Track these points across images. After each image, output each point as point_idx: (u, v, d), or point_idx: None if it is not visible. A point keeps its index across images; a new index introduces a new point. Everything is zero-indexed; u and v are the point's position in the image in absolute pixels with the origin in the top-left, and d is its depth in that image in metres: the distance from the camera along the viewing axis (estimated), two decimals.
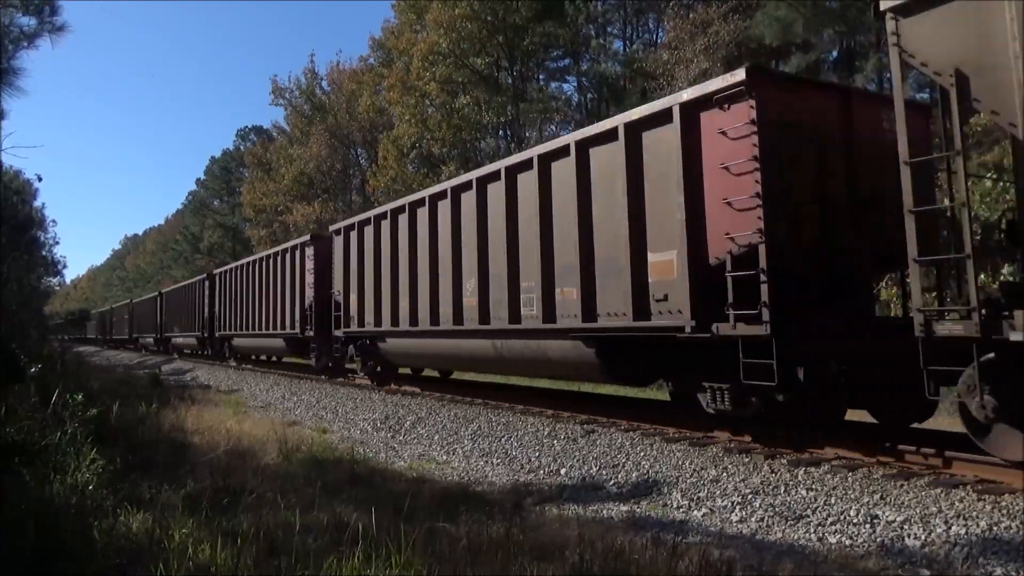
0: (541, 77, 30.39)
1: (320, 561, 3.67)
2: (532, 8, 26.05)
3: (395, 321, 13.36)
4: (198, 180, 74.77)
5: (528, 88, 28.31)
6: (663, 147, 7.76)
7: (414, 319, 12.71)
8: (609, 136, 8.49)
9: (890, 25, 5.86)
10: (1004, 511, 4.99)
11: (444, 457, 8.50)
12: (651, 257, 7.87)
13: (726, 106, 7.09)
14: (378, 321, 14.09)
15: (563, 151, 9.21)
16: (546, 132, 26.05)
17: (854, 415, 8.02)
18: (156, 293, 41.28)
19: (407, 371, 16.48)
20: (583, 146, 8.88)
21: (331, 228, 17.28)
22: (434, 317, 12.03)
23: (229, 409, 12.15)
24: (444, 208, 11.99)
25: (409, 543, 3.73)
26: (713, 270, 7.22)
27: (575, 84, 30.38)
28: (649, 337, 8.02)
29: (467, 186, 11.38)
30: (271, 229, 42.55)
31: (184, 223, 72.98)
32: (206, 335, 28.51)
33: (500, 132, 29.51)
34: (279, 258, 20.49)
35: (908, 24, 5.73)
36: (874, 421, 8.01)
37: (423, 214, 12.61)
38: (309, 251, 18.18)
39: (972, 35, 5.34)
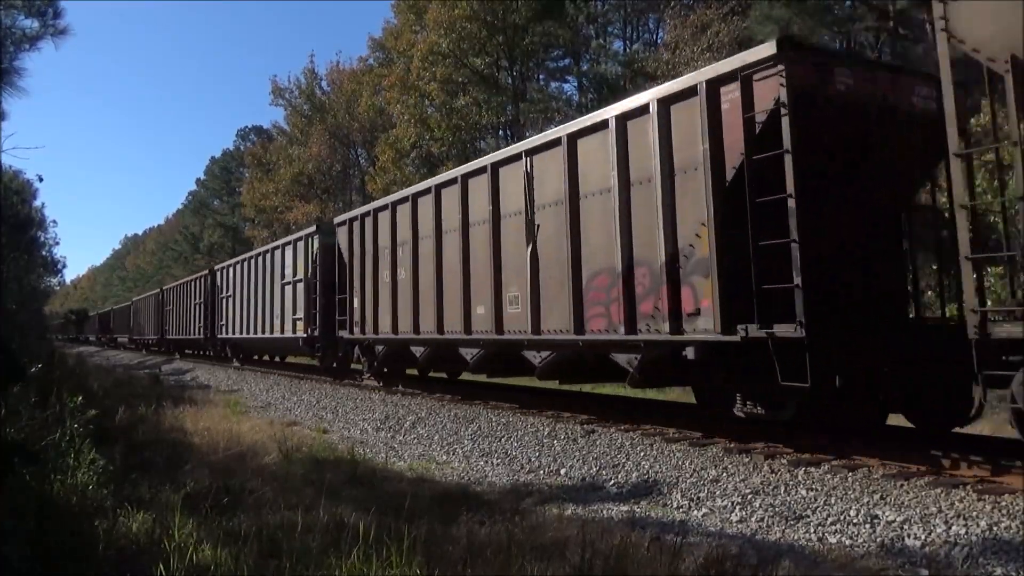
0: (541, 77, 30.40)
1: (320, 561, 3.67)
2: (532, 8, 26.04)
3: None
4: (198, 180, 74.86)
5: (528, 88, 28.30)
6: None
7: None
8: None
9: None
10: (1004, 511, 4.99)
11: (444, 457, 8.50)
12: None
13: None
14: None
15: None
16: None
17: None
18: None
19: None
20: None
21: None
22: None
23: (229, 409, 12.15)
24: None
25: (409, 543, 3.73)
26: None
27: (575, 84, 30.43)
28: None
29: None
30: (271, 229, 42.55)
31: (184, 223, 72.99)
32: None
33: (500, 132, 29.51)
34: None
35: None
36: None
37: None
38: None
39: None
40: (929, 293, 9.69)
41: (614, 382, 10.92)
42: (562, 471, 7.37)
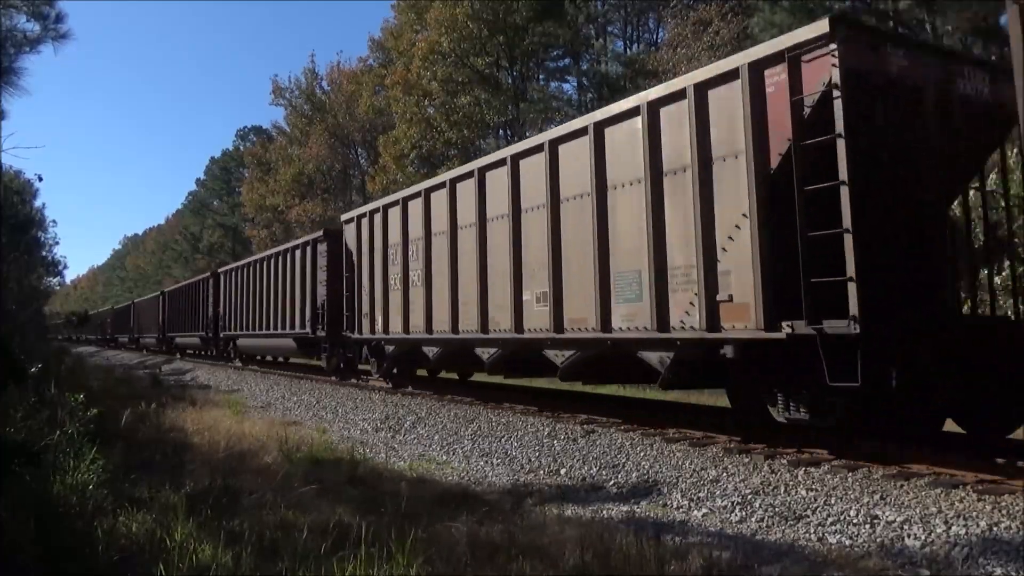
0: (541, 77, 30.39)
1: (320, 561, 3.67)
2: (532, 8, 26.04)
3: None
4: (198, 180, 74.89)
5: (528, 88, 28.30)
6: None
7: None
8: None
9: None
10: (1004, 511, 4.99)
11: (444, 457, 8.50)
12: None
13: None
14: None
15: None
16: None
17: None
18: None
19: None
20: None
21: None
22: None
23: (229, 409, 12.14)
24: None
25: (410, 543, 3.73)
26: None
27: (575, 84, 30.44)
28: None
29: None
30: (271, 229, 42.58)
31: (184, 223, 72.96)
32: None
33: (501, 132, 29.52)
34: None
35: None
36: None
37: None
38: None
39: None
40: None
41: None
42: (562, 471, 7.37)
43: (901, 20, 15.74)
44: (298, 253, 19.02)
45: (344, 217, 16.11)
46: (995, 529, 4.68)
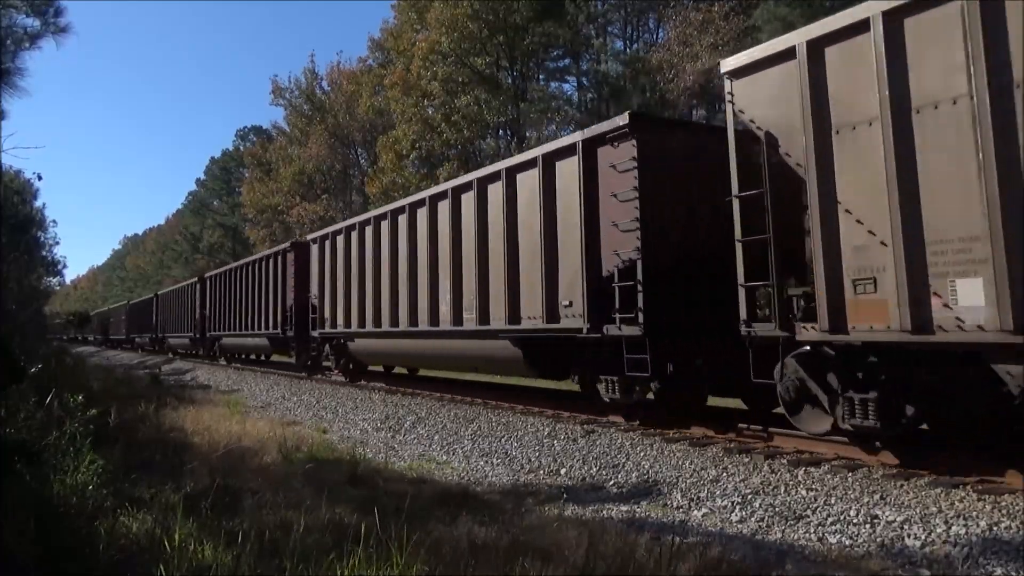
0: (541, 77, 30.37)
1: (320, 561, 3.66)
2: (532, 8, 26.02)
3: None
4: (198, 180, 74.89)
5: (528, 88, 28.28)
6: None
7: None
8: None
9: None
10: (1004, 511, 4.99)
11: (444, 457, 8.50)
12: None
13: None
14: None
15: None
16: (546, 132, 26.02)
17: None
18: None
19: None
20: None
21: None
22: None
23: (229, 409, 12.15)
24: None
25: (409, 543, 3.73)
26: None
27: (575, 84, 30.42)
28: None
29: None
30: (271, 229, 42.57)
31: (184, 223, 72.93)
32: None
33: (500, 132, 29.51)
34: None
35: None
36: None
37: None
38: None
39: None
40: None
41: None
42: (562, 471, 7.37)
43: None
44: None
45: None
46: (995, 529, 4.68)
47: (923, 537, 4.71)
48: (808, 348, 6.56)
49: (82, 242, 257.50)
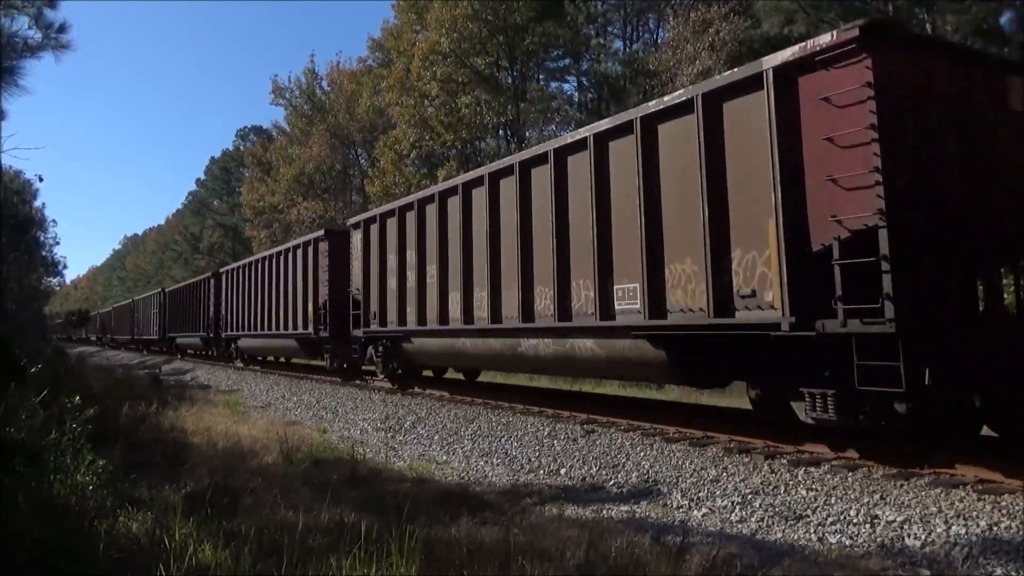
0: (541, 77, 30.37)
1: (320, 561, 3.66)
2: (532, 8, 26.03)
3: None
4: (198, 180, 74.91)
5: (528, 88, 28.29)
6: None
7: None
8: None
9: None
10: (1004, 511, 4.99)
11: (444, 457, 8.50)
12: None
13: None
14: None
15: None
16: (546, 132, 26.03)
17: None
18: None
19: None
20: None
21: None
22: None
23: (229, 409, 12.15)
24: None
25: (410, 544, 3.73)
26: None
27: (575, 84, 30.42)
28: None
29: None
30: (271, 229, 42.55)
31: (184, 223, 72.96)
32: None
33: (500, 132, 29.50)
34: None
35: None
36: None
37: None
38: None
39: None
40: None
41: None
42: (562, 471, 7.37)
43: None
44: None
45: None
46: (995, 529, 4.68)
47: (923, 537, 4.70)
48: None
49: (82, 242, 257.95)
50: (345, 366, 16.96)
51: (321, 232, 18.03)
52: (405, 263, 13.23)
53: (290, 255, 19.64)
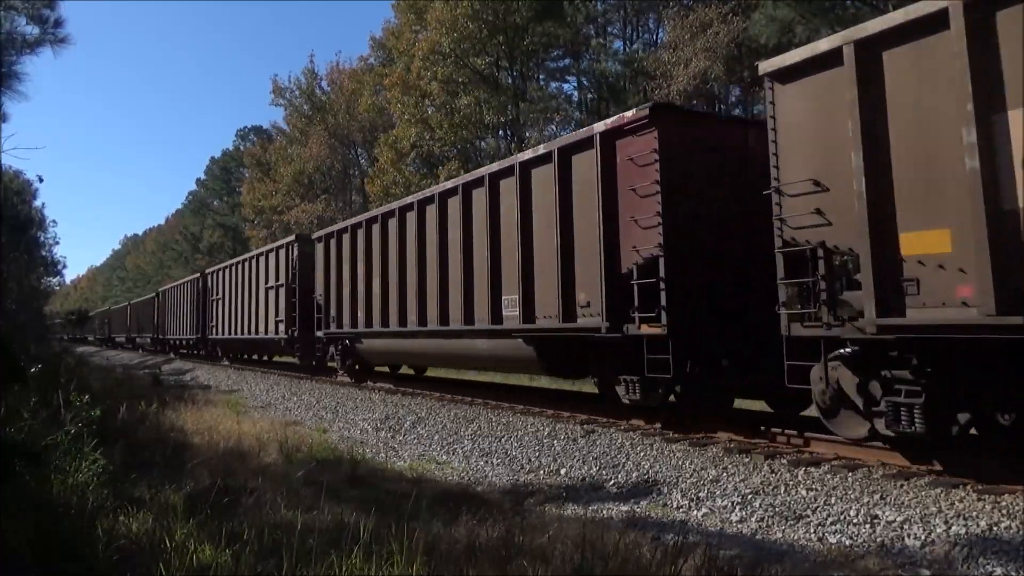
0: (541, 77, 30.36)
1: (320, 561, 3.66)
2: (532, 8, 26.01)
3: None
4: (198, 180, 74.89)
5: (528, 88, 28.27)
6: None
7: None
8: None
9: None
10: (1004, 511, 4.99)
11: (444, 457, 8.50)
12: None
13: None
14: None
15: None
16: (546, 132, 26.02)
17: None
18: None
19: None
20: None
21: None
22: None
23: (229, 409, 12.15)
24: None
25: (410, 543, 3.73)
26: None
27: (575, 84, 30.40)
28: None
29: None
30: (271, 229, 42.52)
31: (184, 223, 72.93)
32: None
33: (500, 132, 29.48)
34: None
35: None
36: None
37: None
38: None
39: None
40: None
41: None
42: (562, 471, 7.37)
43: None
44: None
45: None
46: (995, 529, 4.68)
47: (923, 537, 4.71)
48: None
49: (82, 242, 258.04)
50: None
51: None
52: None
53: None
